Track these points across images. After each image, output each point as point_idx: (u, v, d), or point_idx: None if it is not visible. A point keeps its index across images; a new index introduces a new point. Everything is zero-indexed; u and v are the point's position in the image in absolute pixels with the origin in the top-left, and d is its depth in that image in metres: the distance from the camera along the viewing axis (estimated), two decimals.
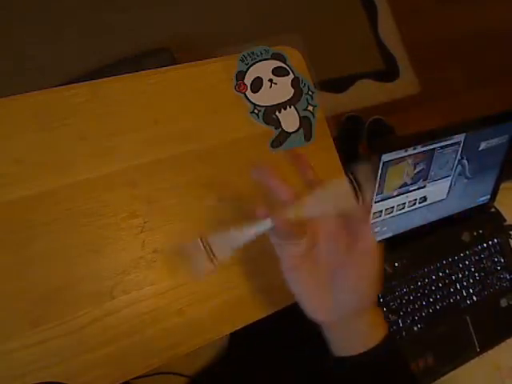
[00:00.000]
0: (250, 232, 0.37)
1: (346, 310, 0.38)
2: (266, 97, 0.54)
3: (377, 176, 0.70)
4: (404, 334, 0.76)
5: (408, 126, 1.27)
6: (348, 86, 1.45)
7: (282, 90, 0.55)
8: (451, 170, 0.78)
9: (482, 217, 0.89)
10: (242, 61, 0.53)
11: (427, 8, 1.61)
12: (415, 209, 0.79)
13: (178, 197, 0.48)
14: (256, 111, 0.53)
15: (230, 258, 0.37)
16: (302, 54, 0.56)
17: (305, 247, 0.38)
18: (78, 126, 0.46)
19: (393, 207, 0.76)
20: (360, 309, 0.39)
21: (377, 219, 0.76)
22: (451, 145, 0.74)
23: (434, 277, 0.81)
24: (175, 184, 0.48)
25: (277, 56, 0.55)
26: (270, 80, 0.54)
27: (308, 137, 0.55)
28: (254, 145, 0.52)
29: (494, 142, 0.79)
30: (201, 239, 0.38)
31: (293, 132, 0.54)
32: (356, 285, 0.38)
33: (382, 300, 0.77)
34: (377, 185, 0.71)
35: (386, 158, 0.69)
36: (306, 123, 0.55)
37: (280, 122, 0.54)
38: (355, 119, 1.38)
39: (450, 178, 0.79)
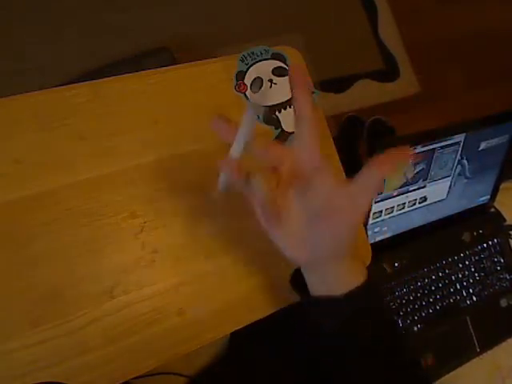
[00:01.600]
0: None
1: (320, 253, 0.37)
2: (265, 97, 0.54)
3: None
4: (404, 334, 0.76)
5: (408, 126, 1.27)
6: (348, 85, 1.45)
7: (282, 89, 0.55)
8: (451, 170, 0.78)
9: (482, 217, 0.89)
10: (242, 61, 0.53)
11: (427, 8, 1.61)
12: (415, 209, 0.80)
13: (178, 197, 0.48)
14: None
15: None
16: (302, 54, 0.56)
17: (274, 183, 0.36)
18: (78, 126, 0.46)
19: (393, 207, 0.77)
20: (335, 256, 0.37)
21: (377, 219, 0.76)
22: (451, 145, 0.74)
23: (433, 277, 0.81)
24: (175, 184, 0.48)
25: (277, 56, 0.55)
26: (270, 80, 0.54)
27: None
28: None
29: (494, 142, 0.79)
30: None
31: (293, 132, 0.54)
32: (330, 232, 0.36)
33: None
34: None
35: None
36: None
37: (280, 122, 0.54)
38: (355, 119, 1.38)
39: (449, 178, 0.79)
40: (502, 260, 0.87)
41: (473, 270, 0.84)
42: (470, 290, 0.83)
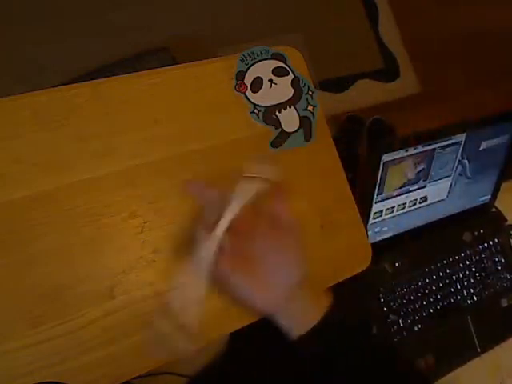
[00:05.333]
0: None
1: (281, 292, 0.42)
2: (266, 97, 0.54)
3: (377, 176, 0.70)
4: (404, 334, 0.76)
5: (408, 126, 1.27)
6: (348, 85, 1.45)
7: (282, 89, 0.54)
8: (452, 169, 0.78)
9: (483, 217, 0.89)
10: (242, 61, 0.53)
11: (427, 8, 1.61)
12: (416, 209, 0.79)
13: (178, 197, 0.48)
14: (256, 111, 0.53)
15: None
16: (302, 54, 0.56)
17: (230, 246, 0.41)
18: (78, 126, 0.46)
19: (393, 207, 0.76)
20: (293, 287, 0.42)
21: (377, 219, 0.76)
22: (451, 145, 0.74)
23: (434, 277, 0.81)
24: (175, 184, 0.48)
25: (277, 56, 0.55)
26: (270, 80, 0.54)
27: (308, 137, 0.55)
28: (254, 145, 0.52)
29: (495, 141, 0.79)
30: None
31: (293, 132, 0.54)
32: (284, 265, 0.42)
33: (382, 300, 0.77)
34: (377, 185, 0.71)
35: (386, 157, 0.69)
36: (305, 123, 0.55)
37: (280, 122, 0.54)
38: (355, 119, 1.38)
39: (450, 178, 0.79)
40: (503, 260, 0.87)
41: (473, 269, 0.84)
42: (471, 290, 0.83)
